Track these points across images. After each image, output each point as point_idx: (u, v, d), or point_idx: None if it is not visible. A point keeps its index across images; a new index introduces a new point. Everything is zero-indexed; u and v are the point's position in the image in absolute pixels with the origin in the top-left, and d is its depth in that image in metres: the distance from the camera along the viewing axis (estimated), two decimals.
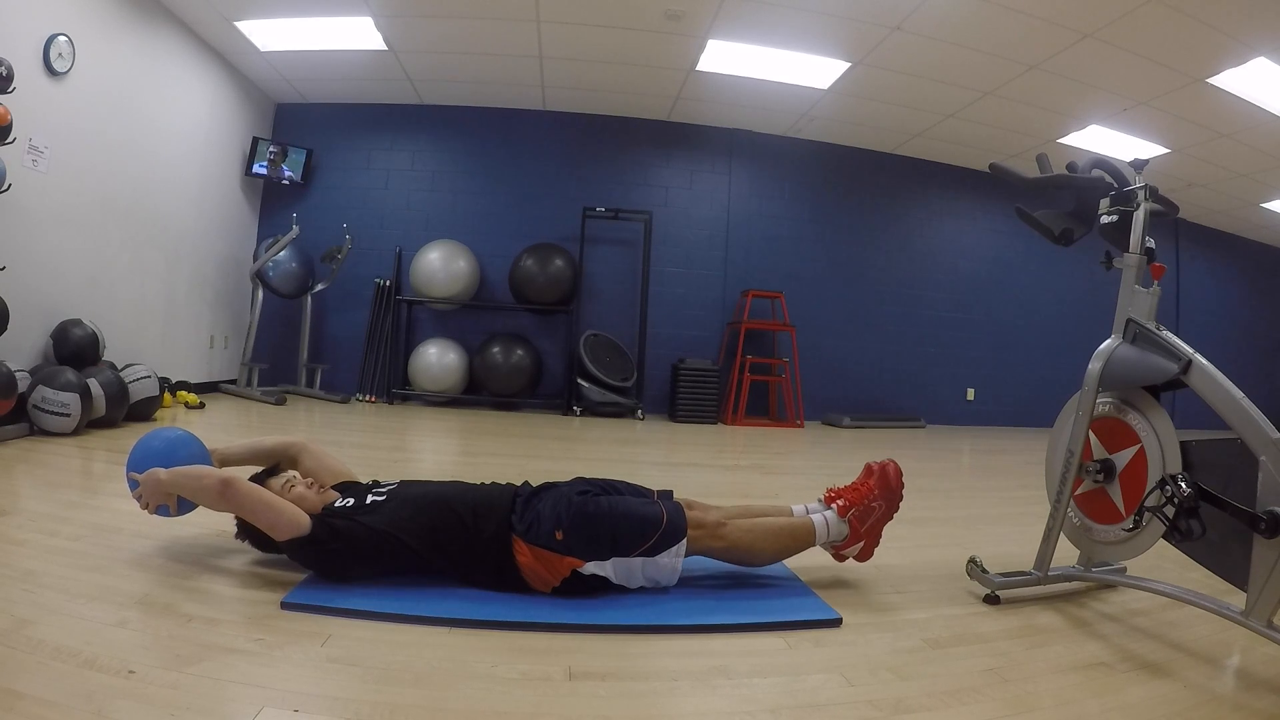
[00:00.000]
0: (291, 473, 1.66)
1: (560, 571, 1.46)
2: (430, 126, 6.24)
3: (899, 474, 1.66)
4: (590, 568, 1.47)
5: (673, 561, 1.51)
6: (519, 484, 1.68)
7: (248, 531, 1.56)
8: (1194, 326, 7.25)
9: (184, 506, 1.58)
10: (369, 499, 1.55)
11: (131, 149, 4.35)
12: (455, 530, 1.48)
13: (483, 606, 1.39)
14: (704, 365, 5.87)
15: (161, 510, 1.56)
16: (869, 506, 1.64)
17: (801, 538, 1.64)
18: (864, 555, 1.68)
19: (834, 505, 1.67)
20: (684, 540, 1.52)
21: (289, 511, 1.44)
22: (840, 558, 1.70)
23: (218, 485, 1.45)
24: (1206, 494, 1.38)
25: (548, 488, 1.64)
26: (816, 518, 1.65)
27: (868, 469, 1.71)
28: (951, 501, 3.05)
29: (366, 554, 1.46)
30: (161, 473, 1.53)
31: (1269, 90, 4.58)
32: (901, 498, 1.67)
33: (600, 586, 1.50)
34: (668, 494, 1.71)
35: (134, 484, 1.58)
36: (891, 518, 1.67)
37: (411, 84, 5.76)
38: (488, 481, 1.73)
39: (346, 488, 1.66)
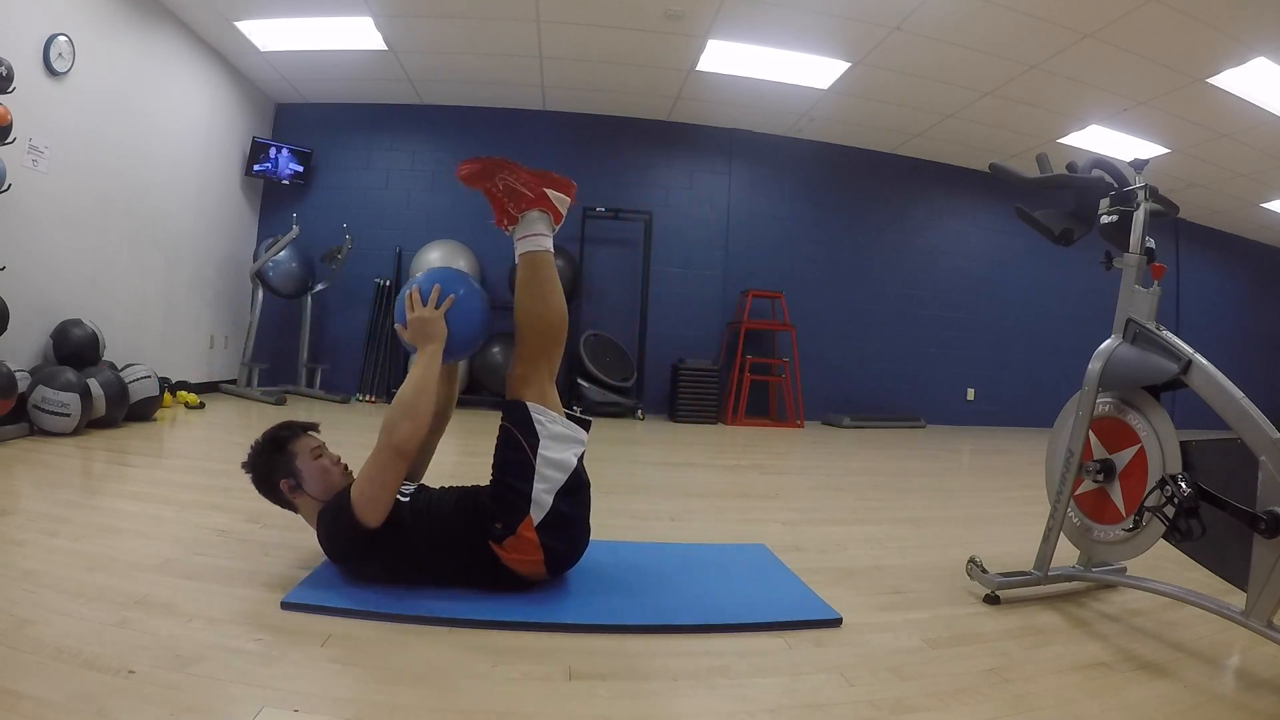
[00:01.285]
0: (322, 440, 1.61)
1: (529, 539, 1.43)
2: (430, 126, 6.24)
3: (472, 159, 1.60)
4: (537, 511, 1.44)
5: (550, 422, 1.48)
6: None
7: (257, 473, 1.54)
8: (1194, 326, 7.25)
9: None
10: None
11: (131, 149, 4.35)
12: (459, 538, 1.47)
13: (483, 606, 1.39)
14: (704, 365, 5.87)
15: (400, 316, 1.54)
16: (508, 189, 1.57)
17: (536, 264, 1.57)
18: (564, 188, 1.61)
19: (509, 228, 1.61)
20: (526, 406, 1.49)
21: (387, 506, 1.41)
22: (561, 217, 1.63)
23: (402, 437, 1.39)
24: (1206, 494, 1.38)
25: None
26: (519, 244, 1.59)
27: (486, 193, 1.62)
28: (951, 501, 3.05)
29: (394, 557, 1.44)
30: (435, 345, 1.49)
31: (1269, 90, 4.58)
32: (498, 157, 1.60)
33: (576, 505, 1.48)
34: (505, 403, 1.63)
35: (427, 293, 1.52)
36: (520, 169, 1.60)
37: (411, 84, 5.76)
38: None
39: None
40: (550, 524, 1.44)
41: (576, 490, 1.50)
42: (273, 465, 1.53)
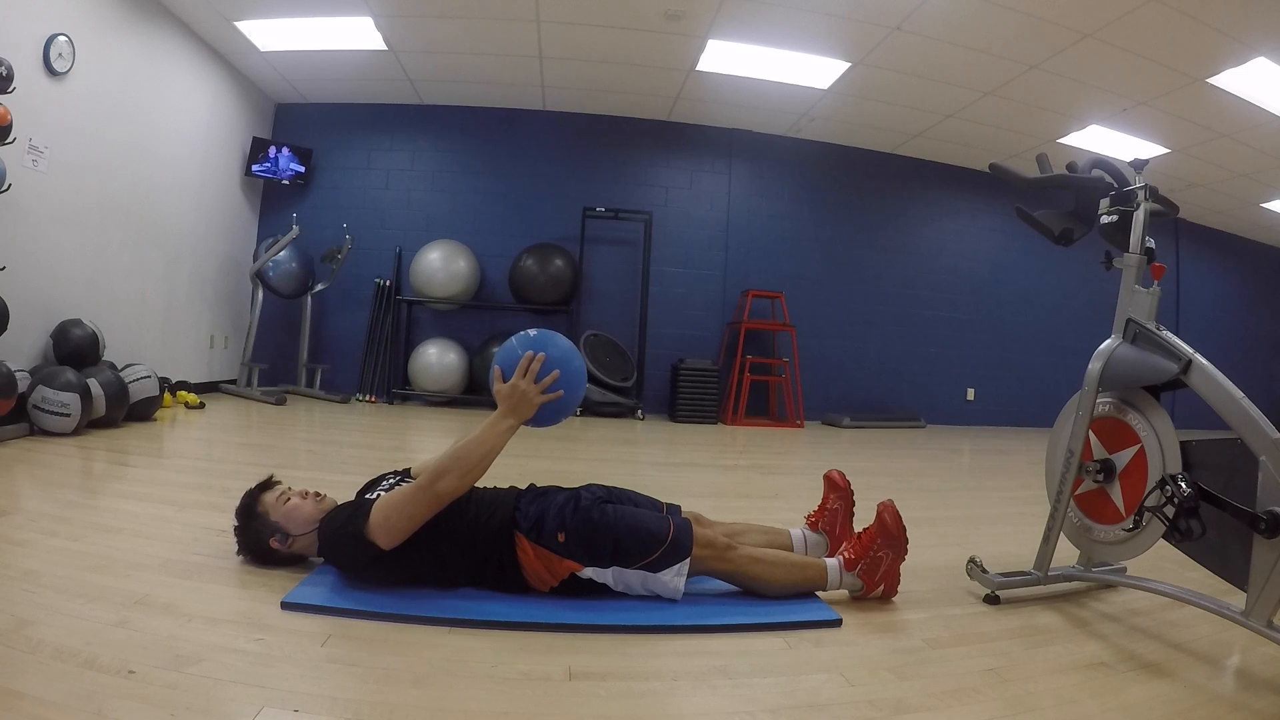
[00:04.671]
0: (284, 486, 1.64)
1: (559, 573, 1.47)
2: (430, 126, 6.23)
3: (896, 517, 1.59)
4: (589, 573, 1.47)
5: (674, 580, 1.48)
6: (523, 487, 1.67)
7: (249, 549, 1.57)
8: (1194, 326, 7.25)
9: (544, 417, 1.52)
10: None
11: (131, 149, 4.35)
12: (461, 525, 1.48)
13: (483, 606, 1.40)
14: (704, 365, 5.87)
15: (505, 364, 1.51)
16: (875, 557, 1.58)
17: (813, 579, 1.59)
18: (888, 595, 1.61)
19: (841, 556, 1.60)
20: (688, 560, 1.49)
21: (405, 536, 1.41)
22: (863, 599, 1.62)
23: (446, 488, 1.40)
24: (1206, 494, 1.38)
25: (556, 489, 1.63)
26: (830, 563, 1.60)
27: (878, 517, 1.62)
28: (951, 501, 3.05)
29: (394, 560, 1.43)
30: (517, 420, 1.49)
31: (1269, 90, 4.58)
32: (906, 539, 1.60)
33: (598, 591, 1.49)
34: (676, 509, 1.69)
35: (546, 368, 1.49)
36: (903, 559, 1.60)
37: (411, 84, 5.76)
38: (487, 484, 1.72)
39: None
40: (585, 584, 1.47)
41: (616, 594, 1.52)
42: (256, 533, 1.55)
